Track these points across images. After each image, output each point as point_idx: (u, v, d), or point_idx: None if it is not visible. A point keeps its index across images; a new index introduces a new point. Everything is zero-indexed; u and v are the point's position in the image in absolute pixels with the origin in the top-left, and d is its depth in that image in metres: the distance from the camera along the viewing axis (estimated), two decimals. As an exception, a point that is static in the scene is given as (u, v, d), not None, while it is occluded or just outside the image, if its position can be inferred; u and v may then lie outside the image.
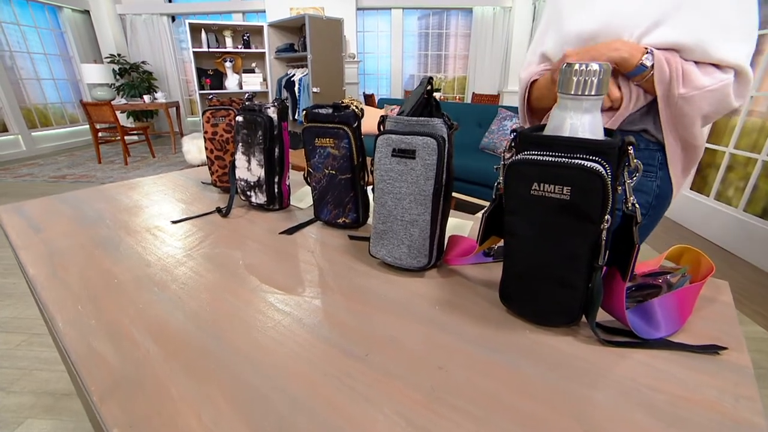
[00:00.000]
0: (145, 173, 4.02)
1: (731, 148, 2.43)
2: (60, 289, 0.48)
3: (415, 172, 0.46)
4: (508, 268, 0.41)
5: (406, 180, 0.47)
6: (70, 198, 0.83)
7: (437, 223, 0.49)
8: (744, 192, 2.34)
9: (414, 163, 0.46)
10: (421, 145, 0.45)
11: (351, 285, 0.49)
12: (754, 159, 2.28)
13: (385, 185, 0.49)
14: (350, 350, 0.37)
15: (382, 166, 0.48)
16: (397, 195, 0.48)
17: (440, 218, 0.49)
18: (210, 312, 0.43)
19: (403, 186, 0.48)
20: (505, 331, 0.41)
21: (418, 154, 0.46)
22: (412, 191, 0.47)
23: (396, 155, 0.47)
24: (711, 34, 0.56)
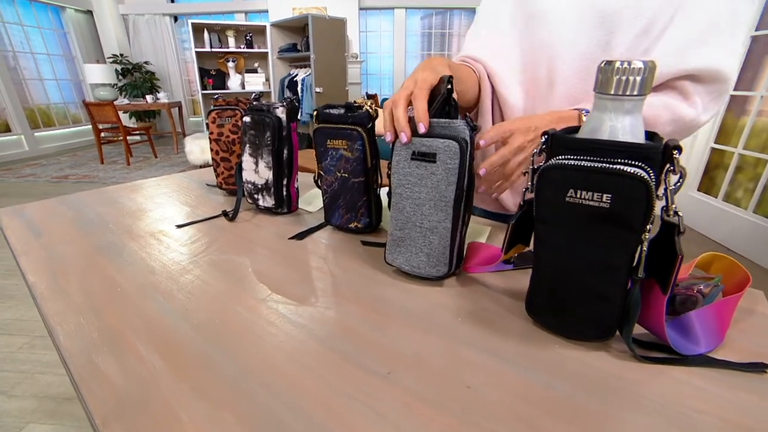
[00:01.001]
0: (148, 173, 4.01)
1: (740, 148, 2.39)
2: (61, 298, 0.45)
3: (435, 176, 0.44)
4: (537, 279, 0.38)
5: (426, 185, 0.45)
6: (72, 200, 0.81)
7: (458, 230, 0.46)
8: (753, 193, 2.30)
9: (434, 167, 0.44)
10: (442, 148, 0.43)
11: (367, 294, 0.47)
12: (765, 160, 2.25)
13: (403, 190, 0.46)
14: (370, 367, 0.35)
15: (401, 169, 0.46)
16: (416, 200, 0.46)
17: (461, 225, 0.47)
18: (219, 324, 0.41)
19: (423, 191, 0.45)
20: (533, 345, 0.38)
21: (439, 158, 0.43)
22: (432, 197, 0.45)
23: (416, 158, 0.45)
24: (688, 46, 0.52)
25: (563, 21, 0.58)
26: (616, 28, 0.54)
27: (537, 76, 0.62)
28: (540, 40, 0.61)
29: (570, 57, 0.58)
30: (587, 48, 0.57)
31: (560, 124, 0.51)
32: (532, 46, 0.62)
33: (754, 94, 2.35)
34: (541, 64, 0.61)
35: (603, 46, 0.56)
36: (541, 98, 0.63)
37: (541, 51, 0.61)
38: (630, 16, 0.53)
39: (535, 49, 0.62)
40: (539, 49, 0.61)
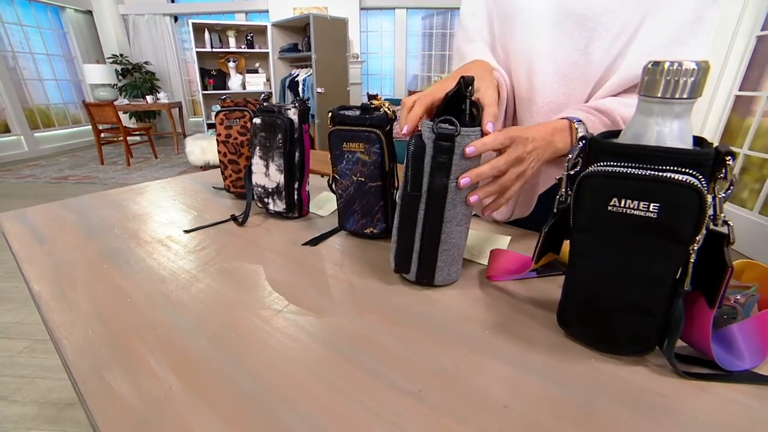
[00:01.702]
0: (148, 174, 3.98)
1: (746, 149, 2.38)
2: (67, 309, 0.43)
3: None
4: (571, 290, 0.36)
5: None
6: (75, 204, 0.79)
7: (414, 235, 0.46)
8: (760, 194, 2.29)
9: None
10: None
11: (387, 304, 0.45)
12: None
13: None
14: (399, 384, 0.33)
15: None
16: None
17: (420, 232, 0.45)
18: (235, 337, 0.39)
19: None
20: (568, 360, 0.36)
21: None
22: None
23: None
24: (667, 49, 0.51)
25: (541, 25, 0.57)
26: (595, 32, 0.53)
27: (517, 81, 0.61)
28: (517, 44, 0.59)
29: (549, 62, 0.57)
30: (567, 52, 0.56)
31: (555, 136, 0.50)
32: (511, 50, 0.61)
33: (759, 95, 2.34)
34: (519, 69, 0.60)
35: (582, 50, 0.55)
36: (522, 104, 0.61)
37: (519, 56, 0.59)
38: (607, 20, 0.53)
39: (515, 54, 0.60)
40: (517, 54, 0.60)
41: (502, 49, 0.63)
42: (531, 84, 0.59)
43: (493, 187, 0.45)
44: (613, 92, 0.55)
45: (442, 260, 0.45)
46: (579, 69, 0.56)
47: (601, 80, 0.56)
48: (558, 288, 0.49)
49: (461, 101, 0.43)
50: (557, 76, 0.57)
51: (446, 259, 0.46)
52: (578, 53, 0.55)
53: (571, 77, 0.57)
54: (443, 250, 0.45)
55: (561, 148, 0.50)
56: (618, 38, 0.53)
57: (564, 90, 0.57)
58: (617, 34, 0.53)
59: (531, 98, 0.60)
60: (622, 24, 0.53)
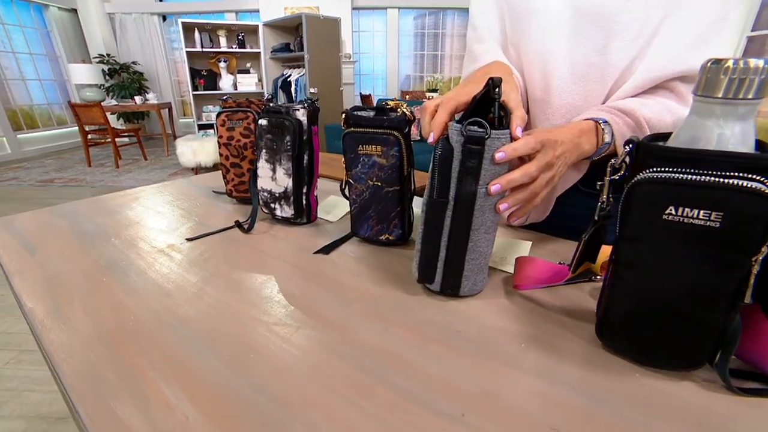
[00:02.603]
0: (137, 176, 3.89)
1: (738, 149, 2.41)
2: (65, 328, 0.40)
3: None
4: (616, 303, 0.34)
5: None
6: (66, 210, 0.74)
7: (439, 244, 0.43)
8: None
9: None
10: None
11: (413, 317, 0.42)
12: None
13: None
14: (440, 408, 0.30)
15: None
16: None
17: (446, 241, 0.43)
18: (255, 360, 0.36)
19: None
20: (612, 375, 0.34)
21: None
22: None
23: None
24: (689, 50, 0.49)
25: (557, 25, 0.55)
26: (613, 32, 0.52)
27: (531, 82, 0.59)
28: (532, 45, 0.57)
29: (565, 63, 0.55)
30: (584, 53, 0.54)
31: (582, 137, 0.48)
32: (524, 50, 0.59)
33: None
34: (534, 69, 0.58)
35: (600, 51, 0.53)
36: (537, 105, 0.59)
37: (533, 56, 0.57)
38: (626, 19, 0.51)
39: (528, 55, 0.58)
40: (531, 54, 0.58)
41: (514, 49, 0.60)
42: (546, 85, 0.57)
43: (524, 195, 0.42)
44: (631, 94, 0.53)
45: (469, 269, 0.43)
46: (596, 70, 0.54)
47: (618, 82, 0.54)
48: (587, 296, 0.47)
49: (486, 105, 0.41)
50: (574, 78, 0.55)
51: (473, 268, 0.43)
52: (596, 54, 0.53)
53: (588, 78, 0.55)
54: (470, 259, 0.42)
55: (587, 150, 0.48)
56: (637, 39, 0.52)
57: (581, 91, 0.55)
58: (636, 34, 0.51)
59: (546, 100, 0.58)
60: (642, 24, 0.51)
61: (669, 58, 0.50)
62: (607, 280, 0.37)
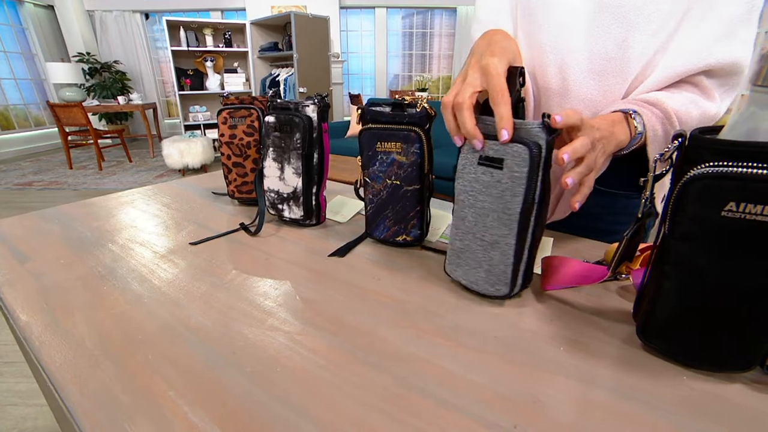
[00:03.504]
0: (122, 179, 3.77)
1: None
2: (67, 344, 0.36)
3: (501, 185, 0.38)
4: (662, 303, 0.33)
5: (491, 194, 0.38)
6: (56, 215, 0.70)
7: (524, 248, 0.40)
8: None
9: (501, 174, 0.37)
10: (510, 153, 0.36)
11: (444, 323, 0.40)
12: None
13: (467, 197, 0.40)
14: (492, 420, 0.28)
15: (467, 175, 0.39)
16: (479, 210, 0.39)
17: (529, 243, 0.40)
18: (282, 374, 0.33)
19: (487, 200, 0.39)
20: (659, 379, 0.33)
21: (506, 164, 0.37)
22: (495, 207, 0.38)
23: (483, 163, 0.38)
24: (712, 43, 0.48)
25: (575, 18, 0.53)
26: (634, 25, 0.50)
27: (546, 78, 0.58)
28: (548, 37, 0.56)
29: (583, 56, 0.54)
30: (603, 46, 0.52)
31: (615, 127, 0.46)
32: (537, 45, 0.57)
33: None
34: (550, 63, 0.56)
35: (619, 44, 0.51)
36: (553, 99, 0.58)
37: (549, 49, 0.56)
38: (649, 11, 0.49)
39: (542, 47, 0.56)
40: (547, 48, 0.56)
41: (526, 42, 0.59)
42: (563, 79, 0.55)
43: (583, 168, 0.40)
44: (654, 88, 0.52)
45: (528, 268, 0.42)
46: (615, 64, 0.53)
47: (640, 76, 0.53)
48: (615, 294, 0.46)
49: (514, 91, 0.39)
50: (592, 72, 0.54)
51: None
52: (615, 47, 0.52)
53: (606, 73, 0.53)
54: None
55: (623, 140, 0.46)
56: (659, 31, 0.50)
57: (599, 86, 0.54)
58: (659, 27, 0.50)
59: (563, 94, 0.56)
60: (665, 16, 0.49)
61: (694, 52, 0.49)
62: (648, 279, 0.36)
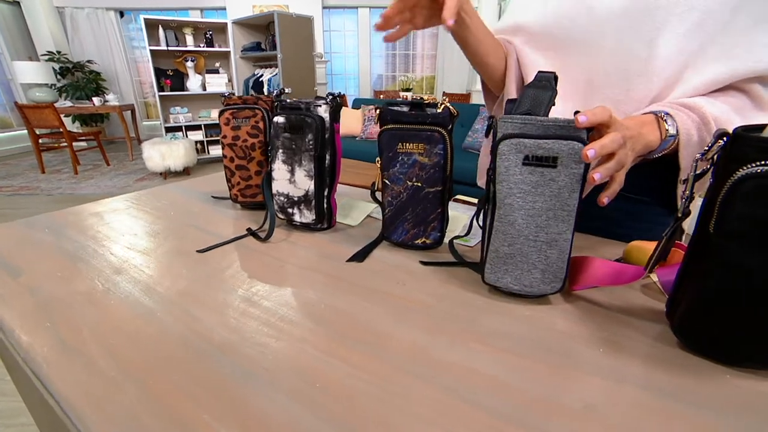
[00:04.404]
0: (100, 182, 3.62)
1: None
2: (79, 365, 0.33)
3: (556, 183, 0.37)
4: (704, 302, 0.33)
5: (543, 193, 0.38)
6: (47, 222, 0.65)
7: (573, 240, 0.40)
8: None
9: (555, 172, 0.37)
10: (565, 151, 0.36)
11: (479, 327, 0.39)
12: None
13: (515, 200, 0.39)
14: (546, 430, 0.27)
15: (512, 177, 0.39)
16: (529, 212, 0.39)
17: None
18: (323, 391, 0.31)
19: (539, 200, 0.38)
20: (702, 378, 0.32)
21: (561, 162, 0.37)
22: (551, 206, 0.38)
23: (529, 163, 0.38)
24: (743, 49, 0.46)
25: (603, 16, 0.52)
26: (666, 23, 0.49)
27: (574, 77, 0.57)
28: (575, 37, 0.55)
29: (610, 57, 0.53)
30: (629, 46, 0.51)
31: (644, 128, 0.46)
32: (566, 43, 0.56)
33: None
34: (577, 63, 0.56)
35: (648, 43, 0.50)
36: (580, 102, 0.57)
37: (576, 49, 0.55)
38: (681, 10, 0.48)
39: (570, 48, 0.56)
40: (574, 47, 0.55)
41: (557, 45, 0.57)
42: (589, 79, 0.55)
43: (612, 164, 0.39)
44: (695, 93, 0.49)
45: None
46: (642, 64, 0.51)
47: (670, 79, 0.51)
48: (639, 293, 0.46)
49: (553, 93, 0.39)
50: (617, 70, 0.53)
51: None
52: (643, 46, 0.50)
53: (631, 72, 0.52)
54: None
55: (652, 141, 0.45)
56: (696, 31, 0.48)
57: (623, 85, 0.53)
58: (695, 25, 0.47)
59: (590, 96, 0.56)
60: (702, 14, 0.47)
61: (744, 55, 0.46)
62: (683, 278, 0.36)
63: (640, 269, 0.39)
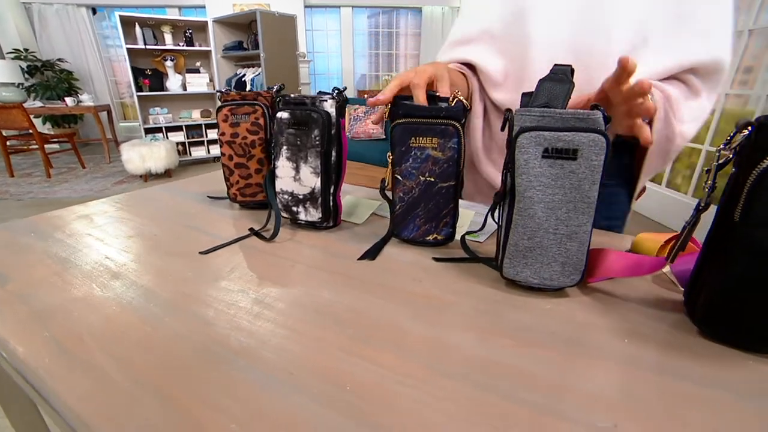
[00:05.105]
0: (76, 186, 3.47)
1: (678, 140, 2.65)
2: (88, 377, 0.31)
3: (576, 175, 0.37)
4: (728, 291, 0.33)
5: (563, 185, 0.38)
6: (30, 226, 0.61)
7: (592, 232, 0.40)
8: (691, 180, 2.58)
9: (575, 165, 0.37)
10: (586, 143, 0.36)
11: (504, 323, 0.38)
12: (698, 149, 2.52)
13: (534, 193, 0.39)
14: (592, 421, 0.27)
15: (531, 170, 0.38)
16: (549, 204, 0.39)
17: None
18: (355, 394, 0.30)
19: (558, 193, 0.38)
20: (729, 366, 0.33)
21: (582, 154, 0.37)
22: (571, 198, 0.38)
23: (549, 156, 0.38)
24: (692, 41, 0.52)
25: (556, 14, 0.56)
26: (617, 18, 0.53)
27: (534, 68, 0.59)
28: (531, 35, 0.58)
29: (565, 53, 0.56)
30: (589, 40, 0.55)
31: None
32: (522, 42, 0.59)
33: (685, 91, 2.63)
34: (537, 57, 0.58)
35: (604, 36, 0.54)
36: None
37: (533, 48, 0.58)
38: (628, 4, 0.52)
39: (527, 46, 0.59)
40: (531, 46, 0.58)
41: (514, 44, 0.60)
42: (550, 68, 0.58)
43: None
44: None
45: None
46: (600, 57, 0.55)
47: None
48: (651, 283, 0.46)
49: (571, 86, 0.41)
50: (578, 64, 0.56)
51: None
52: (599, 41, 0.54)
53: (589, 67, 0.55)
54: None
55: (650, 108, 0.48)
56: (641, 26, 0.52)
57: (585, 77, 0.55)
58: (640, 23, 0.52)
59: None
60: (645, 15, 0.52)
61: (678, 50, 0.51)
62: (703, 266, 0.36)
63: (660, 260, 0.39)
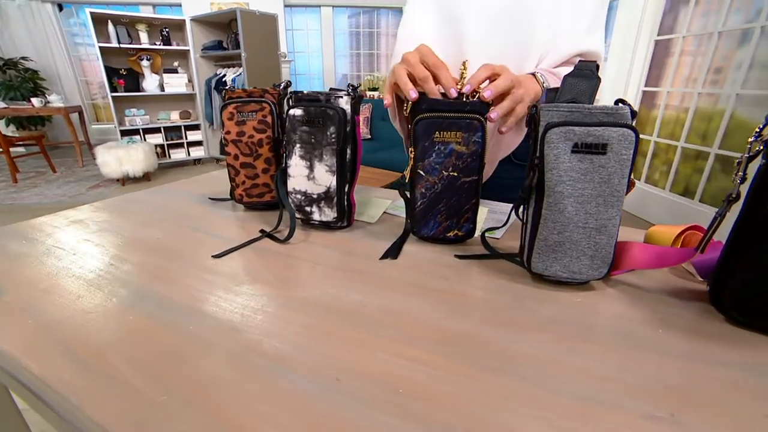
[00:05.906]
0: (47, 191, 3.29)
1: (655, 136, 2.77)
2: (116, 391, 0.29)
3: (605, 169, 0.38)
4: (758, 280, 0.34)
5: (592, 180, 0.38)
6: (18, 233, 0.57)
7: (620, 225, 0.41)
8: (668, 175, 2.68)
9: (604, 159, 0.38)
10: (615, 137, 0.37)
11: (539, 317, 0.38)
12: (674, 146, 2.63)
13: (564, 187, 0.39)
14: (647, 411, 0.27)
15: (561, 165, 0.38)
16: (578, 198, 0.39)
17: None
18: (409, 396, 0.29)
19: (588, 187, 0.38)
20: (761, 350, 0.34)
21: (612, 149, 0.37)
22: (600, 192, 0.38)
23: (578, 151, 0.38)
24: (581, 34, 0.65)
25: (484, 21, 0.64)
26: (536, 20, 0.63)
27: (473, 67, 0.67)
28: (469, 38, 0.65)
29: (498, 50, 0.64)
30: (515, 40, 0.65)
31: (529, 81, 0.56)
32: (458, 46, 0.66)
33: (660, 90, 2.74)
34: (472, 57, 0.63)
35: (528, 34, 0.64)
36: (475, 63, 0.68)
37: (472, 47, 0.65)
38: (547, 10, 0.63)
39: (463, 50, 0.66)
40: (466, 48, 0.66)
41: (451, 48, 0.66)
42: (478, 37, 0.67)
43: (507, 102, 0.51)
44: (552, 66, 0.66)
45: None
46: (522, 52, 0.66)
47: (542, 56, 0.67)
48: (669, 274, 0.47)
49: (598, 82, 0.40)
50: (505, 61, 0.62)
51: None
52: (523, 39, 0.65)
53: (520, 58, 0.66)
54: None
55: (538, 90, 0.56)
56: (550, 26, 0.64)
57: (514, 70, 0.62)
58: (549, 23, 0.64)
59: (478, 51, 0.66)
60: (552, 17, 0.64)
61: (573, 39, 0.65)
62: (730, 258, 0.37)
63: (689, 250, 0.40)
